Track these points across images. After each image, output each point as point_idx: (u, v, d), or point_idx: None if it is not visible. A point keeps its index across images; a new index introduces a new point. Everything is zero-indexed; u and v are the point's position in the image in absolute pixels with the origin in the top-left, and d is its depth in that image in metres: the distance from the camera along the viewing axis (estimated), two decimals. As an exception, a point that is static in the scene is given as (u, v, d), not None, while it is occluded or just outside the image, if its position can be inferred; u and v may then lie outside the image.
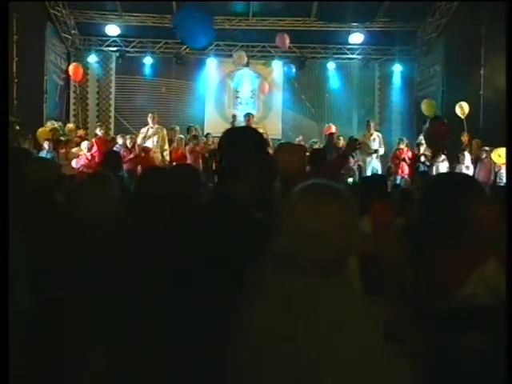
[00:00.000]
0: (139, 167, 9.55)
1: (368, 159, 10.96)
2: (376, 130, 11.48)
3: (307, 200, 1.39)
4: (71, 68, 12.45)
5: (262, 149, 1.90)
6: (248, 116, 11.06)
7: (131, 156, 9.89)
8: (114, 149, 9.95)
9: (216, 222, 1.70)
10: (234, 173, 1.78)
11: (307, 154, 4.03)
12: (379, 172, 10.59)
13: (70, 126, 12.12)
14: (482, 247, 1.88)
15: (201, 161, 10.20)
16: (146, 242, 2.24)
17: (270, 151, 2.84)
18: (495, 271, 1.77)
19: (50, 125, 11.41)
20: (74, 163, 9.82)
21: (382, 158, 11.38)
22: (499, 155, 9.00)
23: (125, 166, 9.63)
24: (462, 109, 10.41)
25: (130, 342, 2.16)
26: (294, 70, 13.66)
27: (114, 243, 2.47)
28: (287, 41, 12.52)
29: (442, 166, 10.23)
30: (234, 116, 12.33)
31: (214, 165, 2.06)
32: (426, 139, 10.15)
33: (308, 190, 1.41)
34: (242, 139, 1.85)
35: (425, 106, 11.53)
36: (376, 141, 11.06)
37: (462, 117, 10.44)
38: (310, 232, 1.34)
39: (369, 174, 9.96)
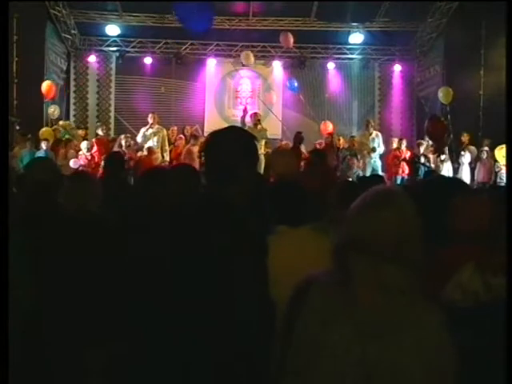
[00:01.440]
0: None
1: (367, 159, 10.86)
2: (375, 129, 11.38)
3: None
4: (44, 86, 11.53)
5: (253, 151, 1.85)
6: (255, 115, 10.84)
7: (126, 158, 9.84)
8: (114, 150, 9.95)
9: (207, 226, 1.69)
10: (224, 176, 1.75)
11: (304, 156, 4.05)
12: (379, 172, 10.54)
13: (66, 122, 12.02)
14: (458, 252, 1.87)
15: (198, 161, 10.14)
16: (145, 242, 2.24)
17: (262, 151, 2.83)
18: (471, 276, 1.75)
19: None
20: (71, 163, 9.79)
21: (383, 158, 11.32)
22: (503, 156, 9.00)
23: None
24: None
25: (131, 341, 2.16)
26: (295, 83, 13.44)
27: (114, 243, 2.47)
28: (291, 39, 12.43)
29: (444, 166, 10.23)
30: (256, 114, 11.02)
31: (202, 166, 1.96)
32: (427, 137, 10.25)
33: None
34: (231, 141, 1.79)
35: (442, 94, 11.35)
36: (375, 140, 10.95)
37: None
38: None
39: (368, 174, 9.91)
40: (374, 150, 10.77)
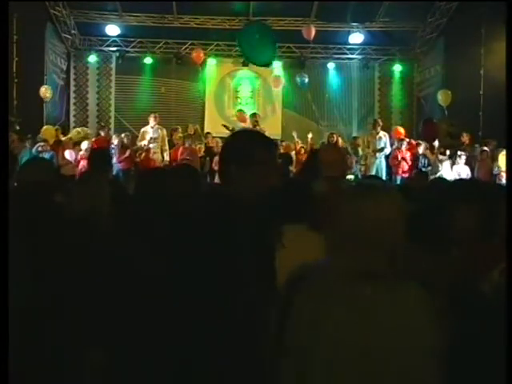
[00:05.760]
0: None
1: (373, 159, 10.74)
2: (382, 129, 11.29)
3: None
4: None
5: (266, 150, 1.89)
6: (255, 115, 10.86)
7: (126, 155, 9.81)
8: (111, 148, 9.96)
9: (219, 224, 1.69)
10: (238, 175, 1.76)
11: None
12: (383, 171, 10.54)
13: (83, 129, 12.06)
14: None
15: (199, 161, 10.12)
16: (144, 243, 2.24)
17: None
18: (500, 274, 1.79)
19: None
20: (67, 154, 9.80)
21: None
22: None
23: (120, 166, 9.63)
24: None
25: (130, 342, 2.16)
26: (306, 80, 13.32)
27: (113, 244, 2.47)
28: (313, 31, 12.20)
29: (444, 167, 10.22)
30: (255, 115, 11.27)
31: (216, 166, 2.06)
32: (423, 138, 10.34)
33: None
34: (249, 143, 1.83)
35: (441, 97, 11.34)
36: (382, 140, 10.80)
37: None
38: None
39: (373, 173, 9.93)
40: (381, 149, 10.65)
